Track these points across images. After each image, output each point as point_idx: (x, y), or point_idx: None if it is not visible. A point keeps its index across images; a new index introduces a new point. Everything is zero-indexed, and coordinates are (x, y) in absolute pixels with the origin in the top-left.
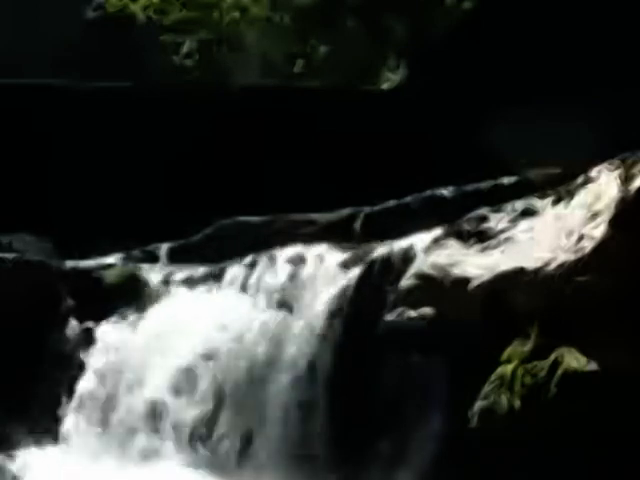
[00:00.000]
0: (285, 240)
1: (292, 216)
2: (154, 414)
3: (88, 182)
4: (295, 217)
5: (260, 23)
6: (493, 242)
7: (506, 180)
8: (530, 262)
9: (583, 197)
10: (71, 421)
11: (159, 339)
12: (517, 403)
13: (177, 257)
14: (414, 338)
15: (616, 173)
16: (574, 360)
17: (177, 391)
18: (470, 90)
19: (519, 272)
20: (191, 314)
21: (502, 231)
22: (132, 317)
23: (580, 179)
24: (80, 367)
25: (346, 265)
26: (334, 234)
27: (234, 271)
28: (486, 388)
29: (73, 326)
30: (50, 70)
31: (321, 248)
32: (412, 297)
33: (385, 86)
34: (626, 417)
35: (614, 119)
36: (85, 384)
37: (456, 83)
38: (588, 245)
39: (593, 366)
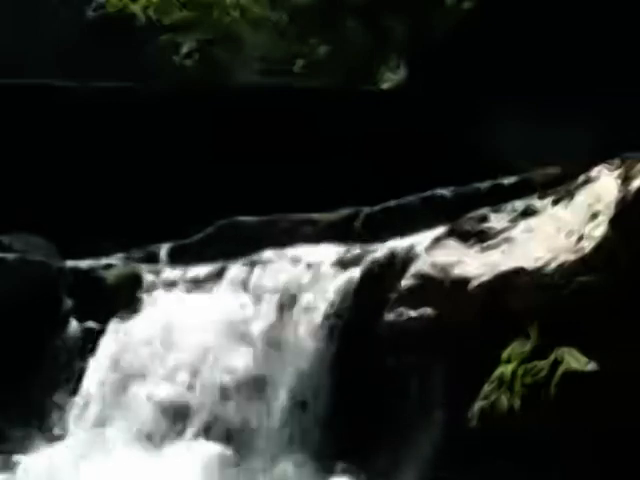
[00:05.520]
0: (285, 240)
1: (292, 216)
2: (157, 412)
3: (88, 182)
4: (295, 217)
5: (260, 23)
6: (493, 242)
7: (506, 180)
8: (530, 262)
9: (583, 197)
10: (72, 420)
11: (158, 339)
12: (517, 403)
13: (177, 257)
14: (414, 338)
15: (616, 173)
16: (574, 360)
17: (179, 389)
18: (470, 90)
19: (519, 272)
20: (191, 314)
21: (502, 231)
22: (132, 317)
23: (580, 179)
24: (80, 367)
25: (346, 265)
26: (334, 234)
27: (234, 271)
28: (486, 388)
29: (73, 326)
30: (50, 70)
31: (321, 248)
32: (412, 297)
33: (385, 86)
34: (626, 417)
35: (614, 119)
36: (85, 384)
37: (456, 83)
38: (588, 245)
39: (593, 366)
